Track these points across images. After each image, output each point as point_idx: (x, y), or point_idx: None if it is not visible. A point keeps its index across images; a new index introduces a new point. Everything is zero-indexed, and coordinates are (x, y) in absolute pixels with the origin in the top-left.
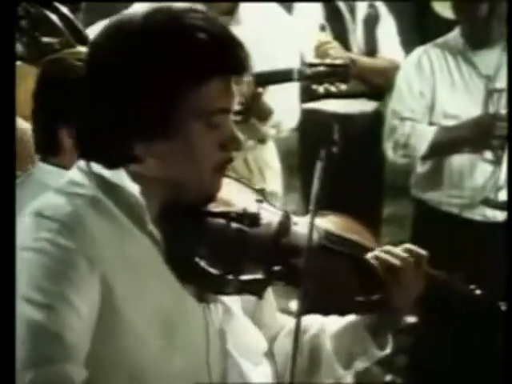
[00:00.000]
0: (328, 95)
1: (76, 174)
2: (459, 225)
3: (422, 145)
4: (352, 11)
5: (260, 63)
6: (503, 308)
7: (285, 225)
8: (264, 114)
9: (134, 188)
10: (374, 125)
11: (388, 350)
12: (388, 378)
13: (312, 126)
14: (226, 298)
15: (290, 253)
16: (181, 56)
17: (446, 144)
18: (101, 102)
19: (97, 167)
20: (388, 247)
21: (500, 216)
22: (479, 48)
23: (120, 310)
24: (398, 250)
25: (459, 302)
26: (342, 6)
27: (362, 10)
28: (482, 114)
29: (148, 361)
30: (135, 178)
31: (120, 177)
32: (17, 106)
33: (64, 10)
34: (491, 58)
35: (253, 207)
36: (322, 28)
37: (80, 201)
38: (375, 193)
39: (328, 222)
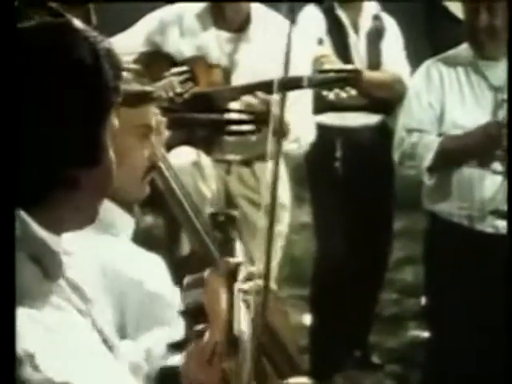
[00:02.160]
0: (337, 105)
1: None
2: (470, 237)
3: (428, 154)
4: (355, 24)
5: (268, 76)
6: None
7: None
8: (282, 130)
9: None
10: (379, 137)
11: None
12: None
13: (316, 139)
14: None
15: None
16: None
17: (453, 152)
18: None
19: None
20: None
21: None
22: (489, 59)
23: None
24: None
25: None
26: (344, 18)
27: (366, 22)
28: (489, 121)
29: None
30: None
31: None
32: None
33: (77, 23)
34: (500, 69)
35: None
36: (320, 42)
37: None
38: (386, 206)
39: None
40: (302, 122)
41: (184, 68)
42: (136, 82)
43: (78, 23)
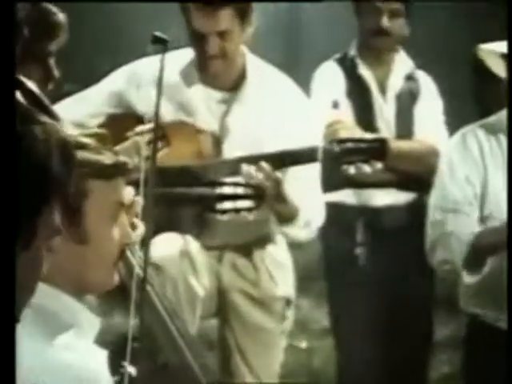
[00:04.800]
0: (357, 181)
1: None
2: None
3: (463, 245)
4: (382, 84)
5: (266, 145)
6: None
7: None
8: (289, 214)
9: None
10: (411, 220)
11: None
12: None
13: (333, 222)
14: None
15: None
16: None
17: (490, 248)
18: None
19: None
20: None
21: None
22: None
23: None
24: None
25: None
26: (369, 77)
27: (396, 82)
28: None
29: None
30: None
31: None
32: None
33: (30, 84)
34: None
35: None
36: (335, 105)
37: None
38: (423, 307)
39: None
40: (310, 201)
41: (152, 125)
42: (102, 150)
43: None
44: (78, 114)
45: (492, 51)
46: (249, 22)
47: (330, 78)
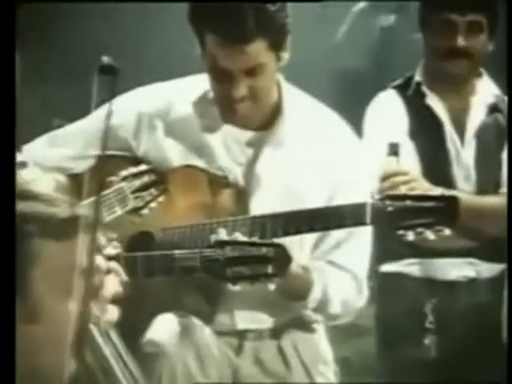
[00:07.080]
0: (425, 248)
1: None
2: None
3: None
4: (458, 119)
5: (306, 199)
6: None
7: None
8: (298, 288)
9: None
10: (493, 300)
11: None
12: None
13: (393, 301)
14: None
15: None
16: None
17: None
18: None
19: None
20: None
21: None
22: None
23: None
24: None
25: None
26: (440, 110)
27: (477, 116)
28: None
29: None
30: None
31: None
32: None
33: None
34: None
35: None
36: (393, 149)
37: None
38: None
39: None
40: (331, 271)
41: (143, 167)
42: (58, 202)
43: None
44: (56, 157)
45: None
46: (285, 48)
47: (387, 112)
